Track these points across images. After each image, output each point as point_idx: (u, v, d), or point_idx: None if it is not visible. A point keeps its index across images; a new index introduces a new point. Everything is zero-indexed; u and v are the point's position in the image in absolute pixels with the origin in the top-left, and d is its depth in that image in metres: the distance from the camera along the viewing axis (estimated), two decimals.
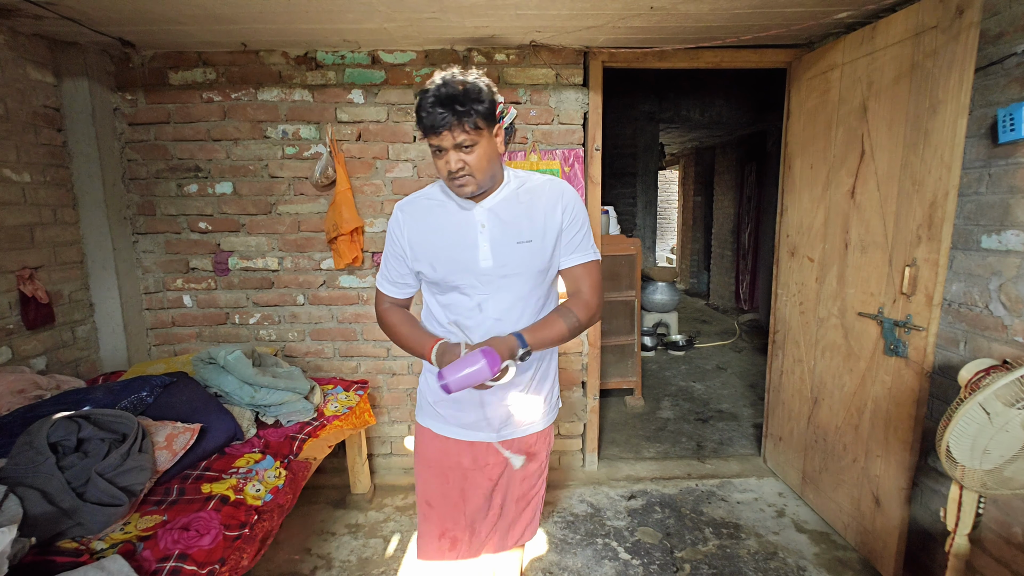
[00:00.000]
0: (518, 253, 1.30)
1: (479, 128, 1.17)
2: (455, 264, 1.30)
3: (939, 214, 1.76)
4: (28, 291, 2.10)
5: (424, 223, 1.34)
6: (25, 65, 2.13)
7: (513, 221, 1.30)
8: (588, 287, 1.38)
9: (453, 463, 1.46)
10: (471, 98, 1.15)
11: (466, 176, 1.21)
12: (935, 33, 1.76)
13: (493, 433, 1.43)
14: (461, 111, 1.13)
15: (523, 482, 1.52)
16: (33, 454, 1.39)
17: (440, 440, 1.46)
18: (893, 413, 1.99)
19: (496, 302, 1.32)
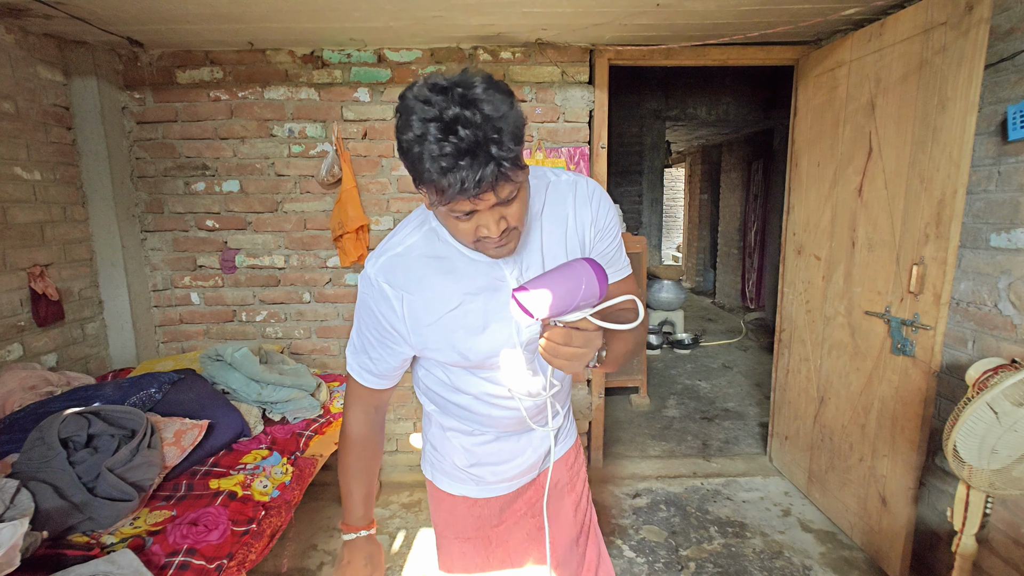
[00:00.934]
0: None
1: (521, 167, 0.75)
2: (492, 344, 0.93)
3: (948, 212, 1.74)
4: (39, 288, 2.12)
5: (431, 296, 0.91)
6: (35, 64, 2.16)
7: (550, 257, 0.94)
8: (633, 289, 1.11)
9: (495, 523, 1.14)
10: (502, 127, 0.70)
11: (510, 232, 0.82)
12: (944, 29, 1.74)
13: (537, 468, 1.14)
14: (501, 156, 0.70)
15: (576, 513, 1.22)
16: (44, 449, 1.41)
17: (479, 505, 1.12)
18: (900, 412, 1.98)
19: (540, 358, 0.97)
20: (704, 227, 8.44)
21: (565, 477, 1.19)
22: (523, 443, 1.08)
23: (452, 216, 0.78)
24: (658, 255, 6.56)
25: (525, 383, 0.98)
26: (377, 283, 0.90)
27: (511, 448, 1.08)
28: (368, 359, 0.98)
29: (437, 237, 0.92)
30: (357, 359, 1.00)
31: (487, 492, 1.11)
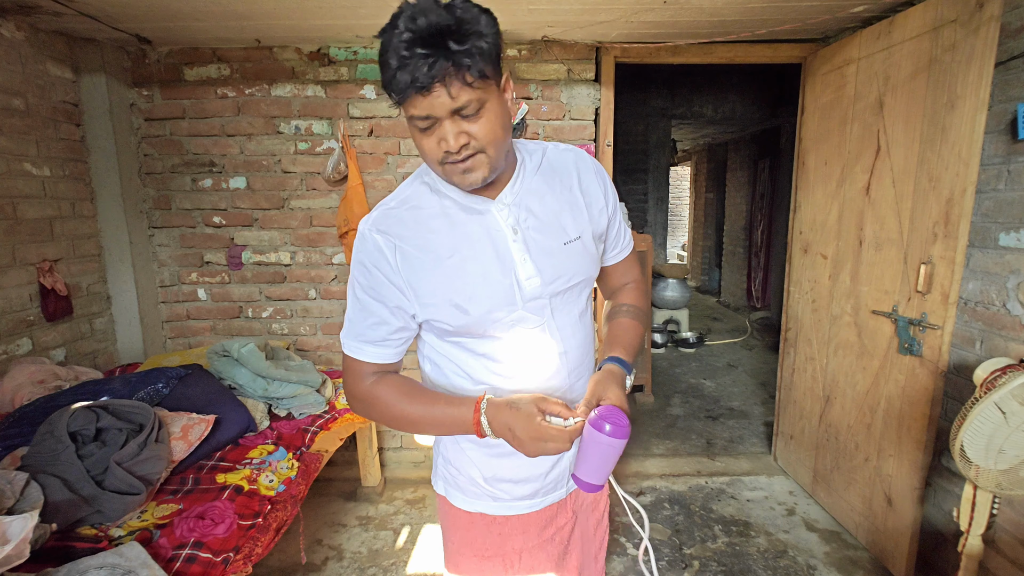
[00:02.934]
0: (567, 258, 0.93)
1: (486, 78, 0.74)
2: (493, 298, 0.88)
3: (956, 211, 1.73)
4: (48, 283, 2.14)
5: (425, 245, 0.88)
6: (45, 61, 2.17)
7: (551, 213, 0.92)
8: (637, 273, 1.13)
9: (518, 545, 1.06)
10: (470, 29, 0.71)
11: (476, 155, 0.79)
12: (954, 27, 1.73)
13: (563, 487, 1.08)
14: (459, 51, 0.70)
15: (597, 529, 1.18)
16: (53, 443, 1.43)
17: (499, 523, 1.04)
18: (906, 412, 1.97)
19: (554, 332, 0.95)
20: (709, 226, 8.41)
21: (592, 496, 1.14)
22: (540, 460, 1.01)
23: (416, 130, 0.78)
24: (663, 254, 6.54)
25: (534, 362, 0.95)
26: (370, 236, 0.88)
27: (530, 460, 0.99)
28: (365, 326, 0.91)
29: (430, 189, 0.91)
30: (352, 333, 0.93)
31: (507, 509, 1.03)
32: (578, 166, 0.97)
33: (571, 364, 1.00)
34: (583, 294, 1.02)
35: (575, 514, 1.11)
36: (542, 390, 0.96)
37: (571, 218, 0.94)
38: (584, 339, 1.03)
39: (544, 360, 0.96)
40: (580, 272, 0.96)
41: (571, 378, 1.01)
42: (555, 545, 1.09)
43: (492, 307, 0.89)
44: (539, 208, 0.92)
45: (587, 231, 0.96)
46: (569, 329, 0.99)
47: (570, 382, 1.01)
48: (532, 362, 0.95)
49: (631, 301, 1.09)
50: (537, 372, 0.96)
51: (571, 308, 0.99)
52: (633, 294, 1.11)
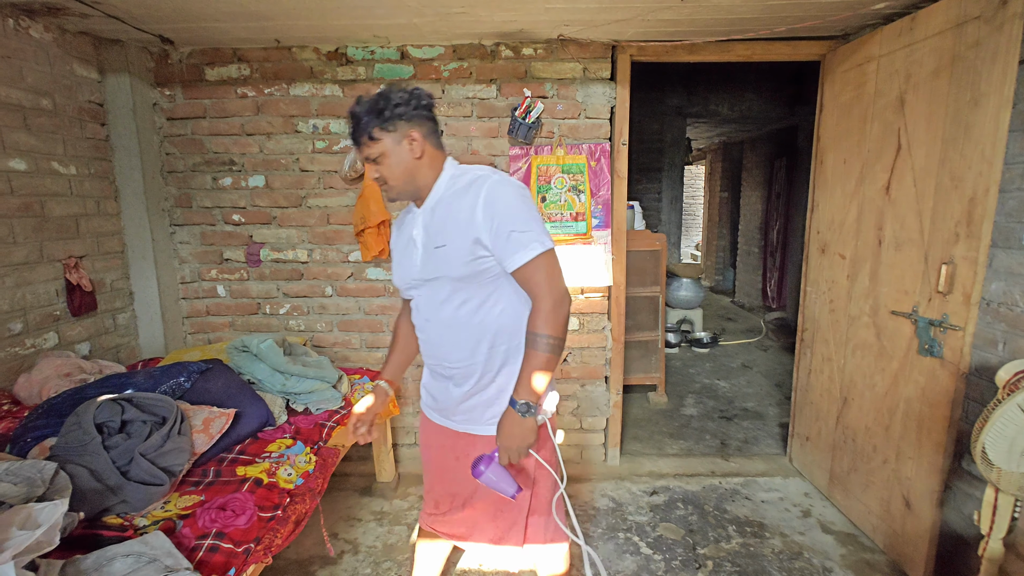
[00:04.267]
0: (434, 258, 1.32)
1: (375, 138, 1.25)
2: (400, 273, 1.43)
3: (979, 211, 1.71)
4: (73, 279, 2.19)
5: (397, 233, 1.48)
6: (72, 62, 2.22)
7: (437, 225, 1.32)
8: (543, 290, 1.26)
9: (430, 440, 1.56)
10: (365, 110, 1.24)
11: (383, 185, 1.32)
12: (978, 24, 1.70)
13: (456, 423, 1.47)
14: (359, 125, 1.25)
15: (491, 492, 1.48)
16: (80, 434, 1.46)
17: (424, 419, 1.58)
18: (926, 414, 1.94)
19: (424, 303, 1.40)
20: (724, 225, 8.34)
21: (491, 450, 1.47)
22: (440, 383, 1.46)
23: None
24: (677, 253, 6.50)
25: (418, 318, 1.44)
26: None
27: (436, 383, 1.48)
28: None
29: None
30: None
31: (426, 411, 1.56)
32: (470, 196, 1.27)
33: (434, 333, 1.40)
34: (444, 289, 1.34)
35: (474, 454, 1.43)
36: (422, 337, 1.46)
37: (447, 229, 1.29)
38: (449, 320, 1.35)
39: (419, 318, 1.43)
40: (439, 271, 1.32)
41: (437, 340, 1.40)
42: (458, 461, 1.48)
43: (399, 275, 1.44)
44: (433, 219, 1.33)
45: (452, 241, 1.27)
46: (433, 308, 1.37)
47: (437, 342, 1.41)
48: (415, 317, 1.45)
49: (540, 330, 1.27)
50: (418, 324, 1.45)
51: (435, 294, 1.36)
52: (542, 319, 1.26)
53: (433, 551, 1.70)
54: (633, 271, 3.55)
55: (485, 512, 1.54)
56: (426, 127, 1.31)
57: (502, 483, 1.30)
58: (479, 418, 1.43)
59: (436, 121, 1.35)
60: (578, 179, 2.57)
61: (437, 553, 1.71)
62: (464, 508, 1.56)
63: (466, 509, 1.56)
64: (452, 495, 1.57)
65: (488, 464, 1.29)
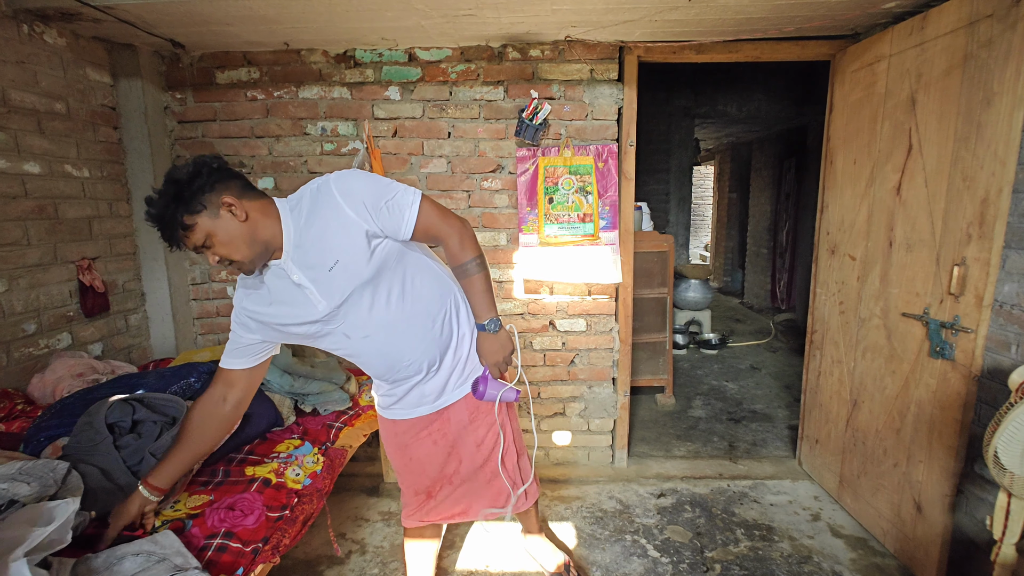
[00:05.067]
0: (335, 279, 1.25)
1: (189, 225, 1.13)
2: (303, 323, 1.30)
3: (992, 211, 1.69)
4: (86, 280, 2.22)
5: (260, 299, 1.32)
6: (85, 67, 2.26)
7: (314, 254, 1.24)
8: (443, 229, 1.35)
9: (406, 440, 1.59)
10: (165, 203, 1.12)
11: (231, 265, 1.21)
12: (991, 22, 1.68)
13: (429, 407, 1.53)
14: (165, 227, 1.14)
15: (478, 450, 1.61)
16: (92, 433, 1.48)
17: (391, 423, 1.59)
18: (937, 417, 1.92)
19: (353, 325, 1.33)
20: (733, 226, 8.29)
21: (465, 416, 1.56)
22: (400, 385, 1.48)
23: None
24: (685, 254, 6.48)
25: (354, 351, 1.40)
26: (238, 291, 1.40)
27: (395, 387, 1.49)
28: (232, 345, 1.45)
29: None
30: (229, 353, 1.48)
31: (391, 415, 1.57)
32: (325, 206, 1.23)
33: (381, 342, 1.35)
34: (365, 295, 1.29)
35: (451, 424, 1.56)
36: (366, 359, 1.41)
37: (329, 247, 1.23)
38: (388, 320, 1.33)
39: (354, 345, 1.35)
40: (349, 284, 1.26)
41: (387, 347, 1.37)
42: (436, 445, 1.57)
43: (302, 325, 1.30)
44: (304, 254, 1.24)
45: (344, 252, 1.23)
46: (363, 321, 1.32)
47: (387, 349, 1.37)
48: (349, 347, 1.37)
49: (462, 259, 1.38)
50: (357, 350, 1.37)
51: (359, 307, 1.30)
52: (458, 250, 1.37)
53: (423, 550, 1.77)
54: (641, 272, 3.54)
55: (480, 478, 1.64)
56: (234, 186, 1.21)
57: (505, 393, 1.49)
58: (447, 388, 1.52)
59: (240, 175, 1.25)
60: (585, 180, 2.56)
61: (427, 551, 1.78)
62: (462, 484, 1.64)
63: (463, 484, 1.64)
64: (441, 481, 1.63)
65: (485, 383, 1.47)
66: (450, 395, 1.54)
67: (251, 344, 1.39)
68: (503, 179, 2.63)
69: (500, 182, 2.62)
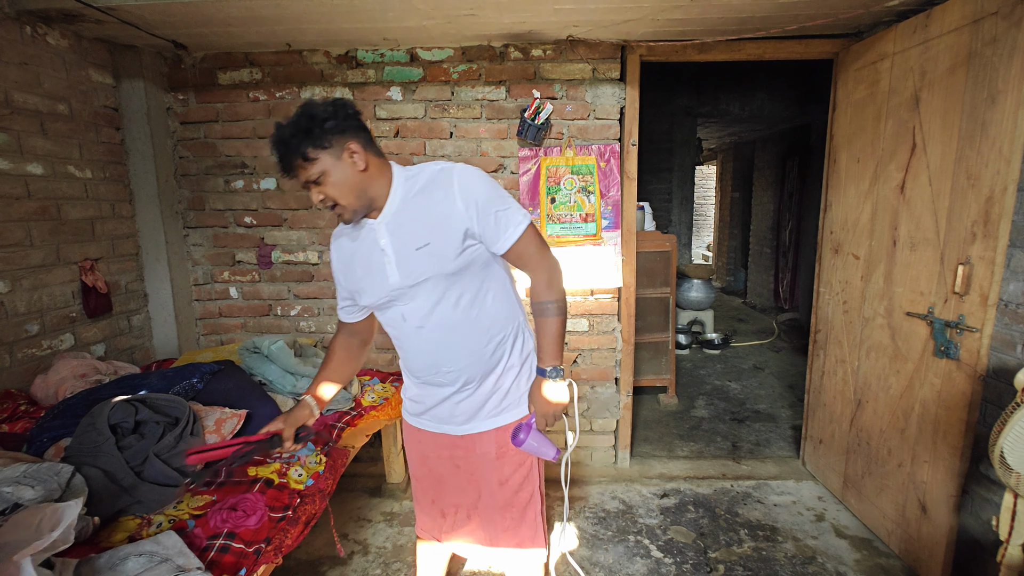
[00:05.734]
0: (419, 260, 1.25)
1: (312, 159, 1.15)
2: (372, 287, 1.31)
3: (996, 210, 1.68)
4: (89, 281, 2.23)
5: (345, 254, 1.37)
6: (87, 68, 2.26)
7: (409, 228, 1.25)
8: (536, 260, 1.33)
9: (427, 451, 1.52)
10: (294, 132, 1.14)
11: (334, 207, 1.22)
12: (995, 20, 1.67)
13: (456, 427, 1.44)
14: (288, 150, 1.15)
15: (500, 488, 1.46)
16: (95, 435, 1.48)
17: (414, 430, 1.53)
18: (942, 417, 1.91)
19: (414, 311, 1.30)
20: (735, 226, 8.27)
21: (492, 452, 1.44)
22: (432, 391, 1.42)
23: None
24: (688, 254, 6.46)
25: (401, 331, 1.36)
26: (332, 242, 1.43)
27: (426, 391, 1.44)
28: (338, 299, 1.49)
29: None
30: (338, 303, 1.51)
31: (417, 423, 1.51)
32: (441, 190, 1.24)
33: (432, 339, 1.32)
34: (439, 287, 1.27)
35: (474, 456, 1.46)
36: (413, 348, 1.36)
37: (425, 229, 1.24)
38: (447, 322, 1.30)
39: (406, 331, 1.34)
40: (429, 270, 1.25)
41: (434, 346, 1.33)
42: (458, 469, 1.49)
43: (371, 294, 1.32)
44: (401, 222, 1.26)
45: (438, 238, 1.23)
46: (425, 311, 1.29)
47: (433, 349, 1.33)
48: (400, 331, 1.36)
49: (544, 297, 1.35)
50: (407, 335, 1.35)
51: (428, 296, 1.28)
52: (544, 287, 1.35)
53: (436, 553, 1.70)
54: (643, 272, 3.53)
55: (500, 522, 1.49)
56: (362, 137, 1.23)
57: (543, 447, 1.35)
58: (479, 415, 1.42)
59: (368, 130, 1.27)
60: (588, 180, 2.56)
61: (440, 555, 1.71)
62: (470, 519, 1.54)
63: (472, 520, 1.54)
64: (456, 506, 1.54)
65: (527, 432, 1.33)
66: (480, 424, 1.43)
67: (351, 301, 1.45)
68: (505, 179, 2.62)
69: (502, 182, 2.62)
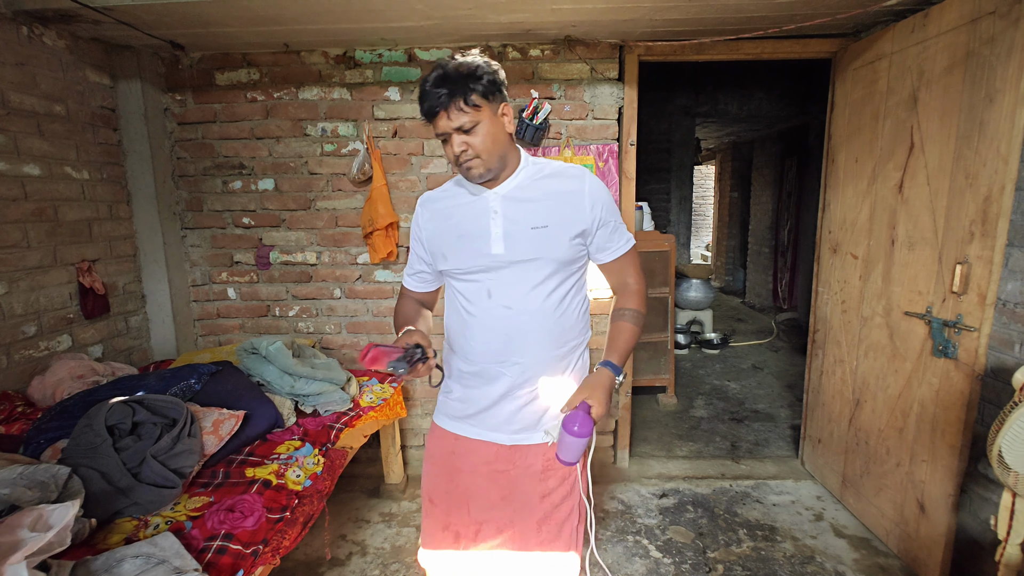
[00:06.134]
0: (531, 238, 1.22)
1: (477, 106, 1.12)
2: (466, 252, 1.25)
3: (994, 209, 1.68)
4: (86, 283, 2.22)
5: (439, 216, 1.31)
6: (84, 68, 2.25)
7: (529, 206, 1.23)
8: (634, 277, 1.36)
9: (461, 463, 1.35)
10: (465, 74, 1.10)
11: (473, 159, 1.16)
12: (993, 19, 1.67)
13: (506, 435, 1.31)
14: (455, 89, 1.10)
15: (541, 502, 1.32)
16: (92, 436, 1.48)
17: (450, 438, 1.36)
18: (941, 416, 1.91)
19: (506, 289, 1.24)
20: (734, 225, 8.27)
21: (538, 465, 1.32)
22: (485, 390, 1.30)
23: (441, 142, 1.18)
24: (687, 254, 6.47)
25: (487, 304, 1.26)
26: (417, 208, 1.37)
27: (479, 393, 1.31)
28: (409, 265, 1.42)
29: (458, 184, 1.32)
30: (406, 269, 1.44)
31: (457, 428, 1.36)
32: (572, 186, 1.25)
33: (513, 323, 1.24)
34: (542, 272, 1.24)
35: (517, 469, 1.32)
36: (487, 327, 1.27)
37: (544, 212, 1.22)
38: (537, 309, 1.24)
39: (492, 306, 1.25)
40: (539, 251, 1.22)
41: (514, 336, 1.25)
42: (496, 486, 1.33)
43: (463, 258, 1.26)
44: (521, 197, 1.24)
45: (556, 224, 1.22)
46: (520, 293, 1.24)
47: (512, 334, 1.25)
48: (477, 308, 1.27)
49: (632, 306, 1.34)
50: (487, 312, 1.26)
51: (527, 277, 1.24)
52: (635, 299, 1.35)
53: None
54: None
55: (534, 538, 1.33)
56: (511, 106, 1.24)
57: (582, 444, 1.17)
58: (535, 424, 1.30)
59: None
60: None
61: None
62: (499, 535, 1.36)
63: (502, 536, 1.36)
64: (480, 523, 1.35)
65: (588, 426, 1.15)
66: (533, 435, 1.31)
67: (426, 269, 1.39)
68: None
69: None
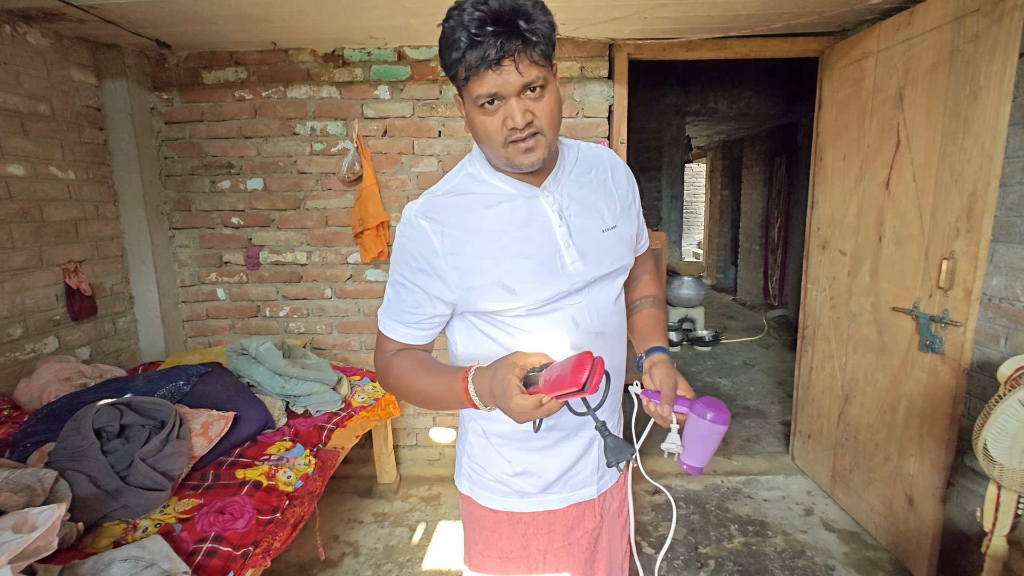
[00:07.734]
0: (606, 245, 0.95)
1: (548, 59, 0.80)
2: (540, 278, 0.89)
3: (979, 205, 1.70)
4: (73, 284, 2.19)
5: (471, 229, 0.88)
6: (69, 67, 2.23)
7: (588, 204, 0.95)
8: (651, 262, 1.19)
9: (542, 546, 1.03)
10: (535, 11, 0.75)
11: (536, 135, 0.81)
12: (977, 17, 1.69)
13: (595, 487, 1.05)
14: (527, 29, 0.74)
15: (623, 536, 1.15)
16: (79, 439, 1.46)
17: (524, 521, 1.02)
18: (928, 411, 1.93)
19: (592, 313, 0.95)
20: (725, 223, 8.32)
21: (617, 503, 1.12)
22: (568, 446, 1.00)
23: (480, 112, 0.80)
24: (678, 251, 6.49)
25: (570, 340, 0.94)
26: (415, 221, 0.88)
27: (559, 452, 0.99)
28: (401, 309, 0.93)
29: (475, 179, 0.92)
30: (388, 312, 0.95)
31: (532, 505, 1.01)
32: (611, 162, 1.02)
33: (608, 345, 0.99)
34: (618, 280, 1.01)
35: (603, 517, 1.08)
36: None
37: (606, 208, 0.97)
38: (619, 323, 1.03)
39: (581, 336, 0.95)
40: (619, 259, 0.98)
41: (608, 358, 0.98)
42: (581, 549, 1.05)
43: (538, 287, 0.89)
44: (579, 196, 0.95)
45: (622, 220, 1.00)
46: (607, 311, 0.98)
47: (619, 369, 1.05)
48: (573, 337, 0.95)
49: (652, 292, 1.15)
50: (574, 348, 0.95)
51: (609, 291, 0.99)
52: (652, 285, 1.16)
53: None
54: None
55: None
56: None
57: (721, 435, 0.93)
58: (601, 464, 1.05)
59: None
60: None
61: None
62: None
63: None
64: None
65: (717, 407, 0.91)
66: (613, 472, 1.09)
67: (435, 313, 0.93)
68: None
69: None
